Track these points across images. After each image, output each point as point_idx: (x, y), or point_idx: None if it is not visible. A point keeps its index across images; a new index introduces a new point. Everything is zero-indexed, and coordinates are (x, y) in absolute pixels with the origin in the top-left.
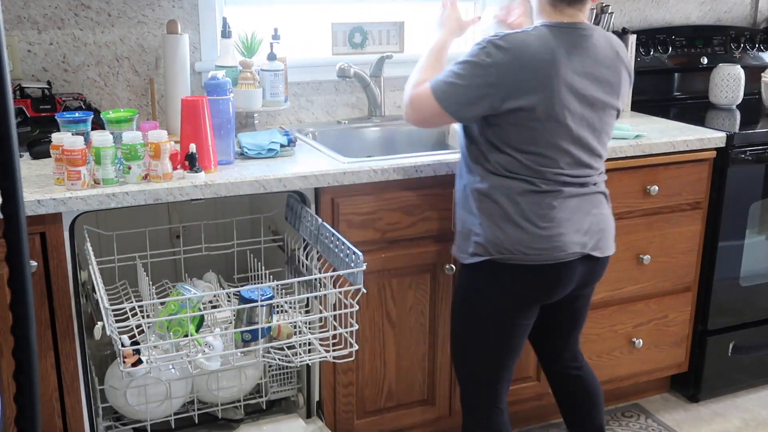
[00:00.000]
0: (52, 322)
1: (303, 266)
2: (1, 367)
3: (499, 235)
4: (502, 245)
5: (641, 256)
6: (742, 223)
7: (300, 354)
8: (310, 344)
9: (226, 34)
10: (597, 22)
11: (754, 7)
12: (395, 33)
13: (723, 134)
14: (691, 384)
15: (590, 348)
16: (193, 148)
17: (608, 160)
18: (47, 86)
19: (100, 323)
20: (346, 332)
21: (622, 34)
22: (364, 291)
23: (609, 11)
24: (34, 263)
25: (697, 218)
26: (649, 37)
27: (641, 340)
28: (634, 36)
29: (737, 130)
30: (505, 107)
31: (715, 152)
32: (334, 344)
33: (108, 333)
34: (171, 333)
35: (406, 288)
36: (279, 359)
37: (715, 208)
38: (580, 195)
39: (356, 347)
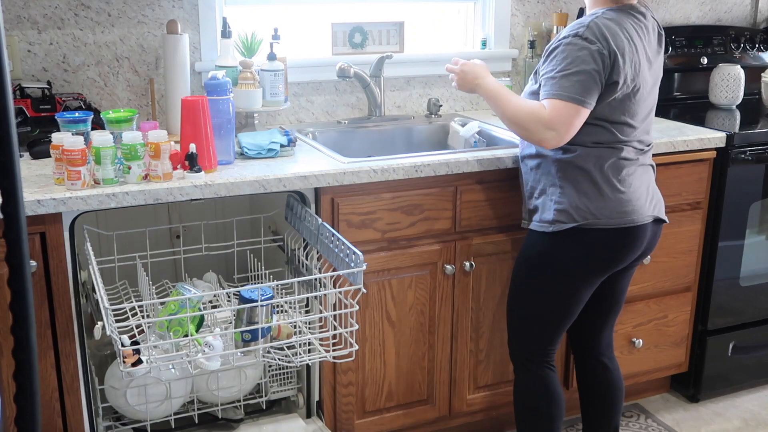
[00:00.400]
0: (52, 322)
1: (303, 266)
2: (1, 367)
3: (584, 201)
4: (588, 211)
5: None
6: (742, 223)
7: (300, 354)
8: (310, 344)
9: (226, 34)
10: None
11: (754, 7)
12: (395, 33)
13: (723, 134)
14: (691, 384)
15: None
16: (193, 148)
17: None
18: (47, 86)
19: (100, 323)
20: (346, 332)
21: None
22: (364, 291)
23: None
24: (34, 263)
25: (697, 218)
26: None
27: (641, 340)
28: None
29: (737, 130)
30: (605, 83)
31: (715, 152)
32: (334, 344)
33: (108, 333)
34: (171, 333)
35: (406, 288)
36: (279, 359)
37: (715, 208)
38: (645, 164)
39: (356, 347)
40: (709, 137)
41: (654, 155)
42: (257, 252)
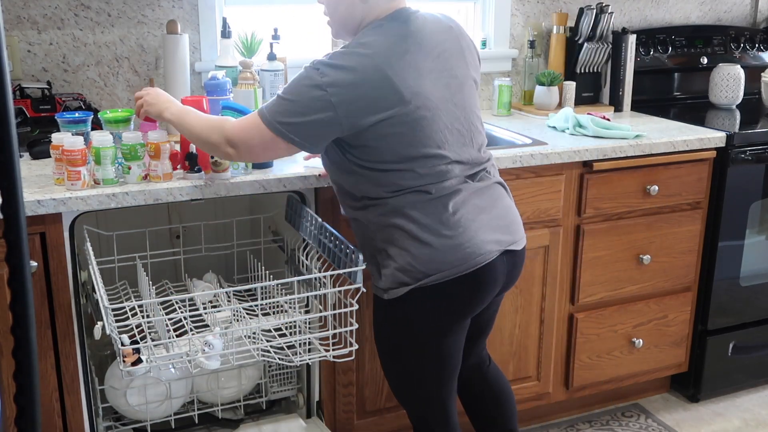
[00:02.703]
0: (52, 322)
1: (303, 266)
2: (1, 367)
3: (408, 260)
4: (416, 269)
5: (641, 256)
6: (742, 223)
7: (300, 353)
8: (309, 343)
9: (226, 34)
10: (597, 22)
11: (754, 7)
12: None
13: (723, 134)
14: (691, 384)
15: (590, 348)
16: (193, 148)
17: (608, 159)
18: (47, 86)
19: (100, 323)
20: (346, 331)
21: (622, 33)
22: (364, 290)
23: (609, 11)
24: (34, 263)
25: (697, 218)
26: (649, 37)
27: (641, 340)
28: (634, 36)
29: (737, 130)
30: (361, 126)
31: (715, 152)
32: (333, 343)
33: (108, 332)
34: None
35: None
36: (279, 359)
37: (715, 208)
38: (483, 188)
39: (356, 346)
40: (709, 137)
41: (654, 155)
42: (257, 252)
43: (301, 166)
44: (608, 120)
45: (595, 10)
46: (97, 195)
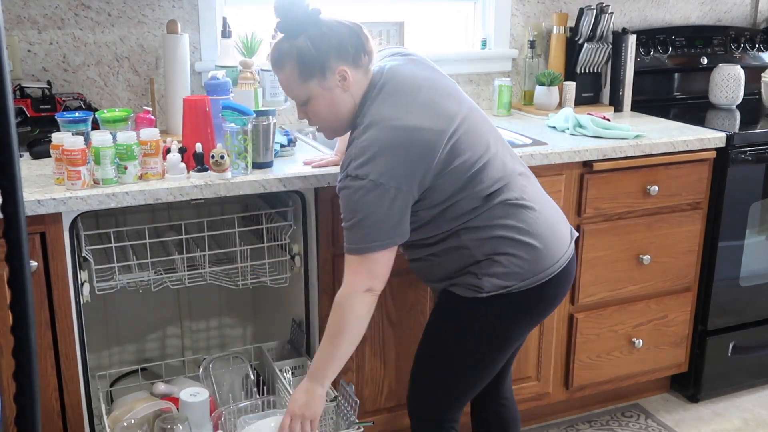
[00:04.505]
0: (52, 322)
1: (303, 266)
2: (1, 367)
3: (518, 263)
4: (526, 271)
5: (641, 256)
6: (742, 223)
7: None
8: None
9: (226, 34)
10: (597, 22)
11: (754, 7)
12: (395, 33)
13: (723, 134)
14: (691, 384)
15: (590, 348)
16: (199, 147)
17: (608, 160)
18: (47, 86)
19: None
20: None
21: (622, 34)
22: (295, 227)
23: (609, 11)
24: (34, 263)
25: (697, 218)
26: (649, 37)
27: (641, 340)
28: (634, 36)
29: (737, 130)
30: (427, 183)
31: (715, 152)
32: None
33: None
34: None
35: (406, 288)
36: (225, 283)
37: (715, 208)
38: (534, 184)
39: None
40: (709, 137)
41: (654, 155)
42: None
43: (301, 166)
44: (608, 120)
45: (595, 11)
46: (97, 195)
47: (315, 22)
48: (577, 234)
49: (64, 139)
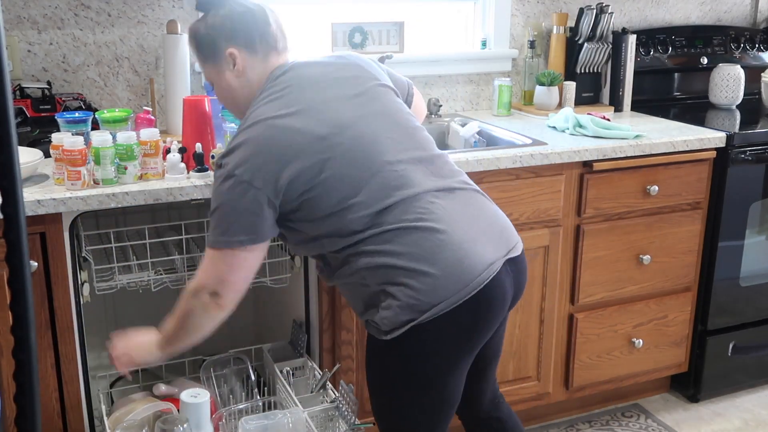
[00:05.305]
0: (52, 322)
1: (302, 264)
2: (1, 367)
3: (411, 294)
4: (422, 302)
5: (641, 256)
6: (742, 223)
7: None
8: None
9: None
10: (597, 22)
11: (754, 7)
12: (395, 33)
13: (723, 134)
14: (691, 384)
15: (590, 348)
16: (199, 147)
17: (608, 160)
18: (47, 86)
19: None
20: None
21: (622, 34)
22: None
23: (609, 11)
24: (34, 263)
25: (697, 218)
26: (649, 37)
27: (641, 340)
28: (634, 36)
29: (737, 130)
30: (282, 184)
31: (715, 152)
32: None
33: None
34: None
35: None
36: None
37: (715, 208)
38: (455, 200)
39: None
40: (709, 137)
41: (654, 155)
42: None
43: None
44: (608, 120)
45: (595, 10)
46: (97, 195)
47: (220, 3)
48: (518, 252)
49: (64, 139)
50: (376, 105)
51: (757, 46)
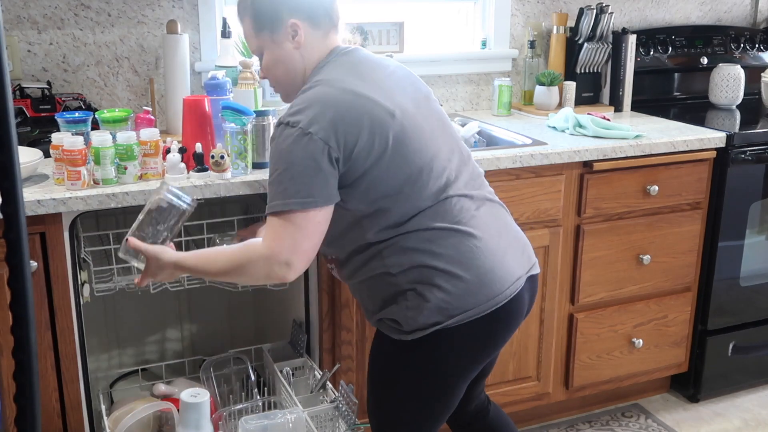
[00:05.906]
0: (52, 322)
1: None
2: (1, 367)
3: (443, 297)
4: (452, 306)
5: (641, 256)
6: (742, 223)
7: None
8: None
9: (226, 34)
10: (597, 22)
11: (754, 7)
12: (395, 33)
13: (723, 134)
14: (691, 384)
15: (590, 348)
16: (199, 147)
17: (608, 160)
18: (47, 86)
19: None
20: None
21: (622, 33)
22: None
23: (609, 11)
24: (34, 263)
25: (697, 218)
26: (649, 37)
27: (641, 340)
28: (634, 36)
29: (737, 130)
30: (354, 150)
31: (715, 152)
32: None
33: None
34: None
35: None
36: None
37: (715, 208)
38: (488, 211)
39: None
40: (709, 137)
41: (654, 155)
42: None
43: None
44: (608, 120)
45: (595, 10)
46: (97, 195)
47: None
48: (538, 271)
49: (64, 139)
50: (431, 106)
51: (757, 46)
